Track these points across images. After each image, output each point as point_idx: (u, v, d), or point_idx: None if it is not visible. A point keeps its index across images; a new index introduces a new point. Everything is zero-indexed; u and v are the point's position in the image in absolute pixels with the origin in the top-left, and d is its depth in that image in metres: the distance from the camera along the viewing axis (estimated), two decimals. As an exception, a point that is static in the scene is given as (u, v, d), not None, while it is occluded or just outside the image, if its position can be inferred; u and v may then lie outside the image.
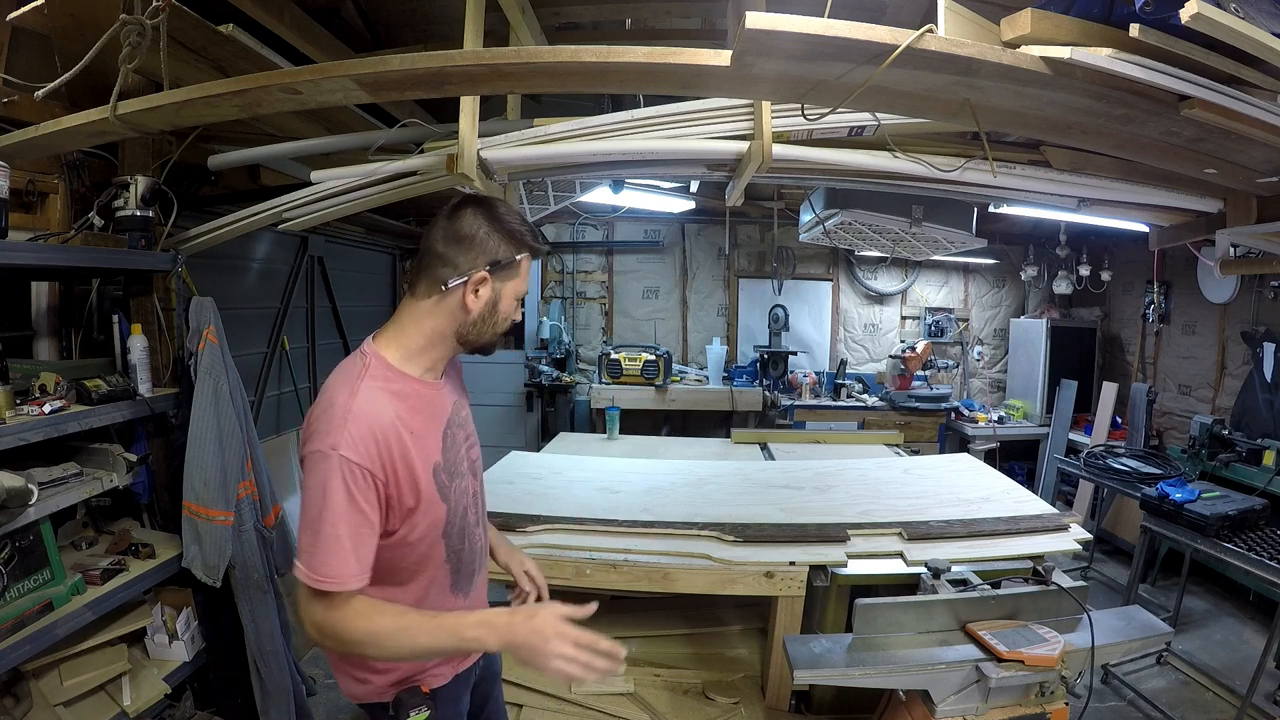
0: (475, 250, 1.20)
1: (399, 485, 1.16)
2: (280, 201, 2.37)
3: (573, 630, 1.11)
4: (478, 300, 1.22)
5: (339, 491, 1.09)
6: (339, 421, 1.11)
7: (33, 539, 1.85)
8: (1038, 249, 5.62)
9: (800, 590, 2.24)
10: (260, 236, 3.60)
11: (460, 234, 1.21)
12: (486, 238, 1.21)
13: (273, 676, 2.32)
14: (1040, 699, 1.72)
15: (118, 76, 1.68)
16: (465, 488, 1.32)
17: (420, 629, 1.13)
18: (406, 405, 1.20)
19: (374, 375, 1.18)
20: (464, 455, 1.34)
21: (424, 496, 1.20)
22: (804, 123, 1.92)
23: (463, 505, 1.31)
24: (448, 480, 1.26)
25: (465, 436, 1.35)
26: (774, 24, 1.15)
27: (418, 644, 1.13)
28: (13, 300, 2.22)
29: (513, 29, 2.13)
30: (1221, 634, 3.46)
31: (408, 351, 1.24)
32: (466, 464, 1.34)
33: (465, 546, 1.34)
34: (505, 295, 1.25)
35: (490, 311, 1.24)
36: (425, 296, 1.23)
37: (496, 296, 1.24)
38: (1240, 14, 1.12)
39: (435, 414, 1.27)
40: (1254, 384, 3.96)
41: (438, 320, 1.23)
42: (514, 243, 1.23)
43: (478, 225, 1.21)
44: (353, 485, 1.09)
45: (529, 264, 1.29)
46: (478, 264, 1.20)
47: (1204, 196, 2.32)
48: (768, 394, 5.25)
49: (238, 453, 2.27)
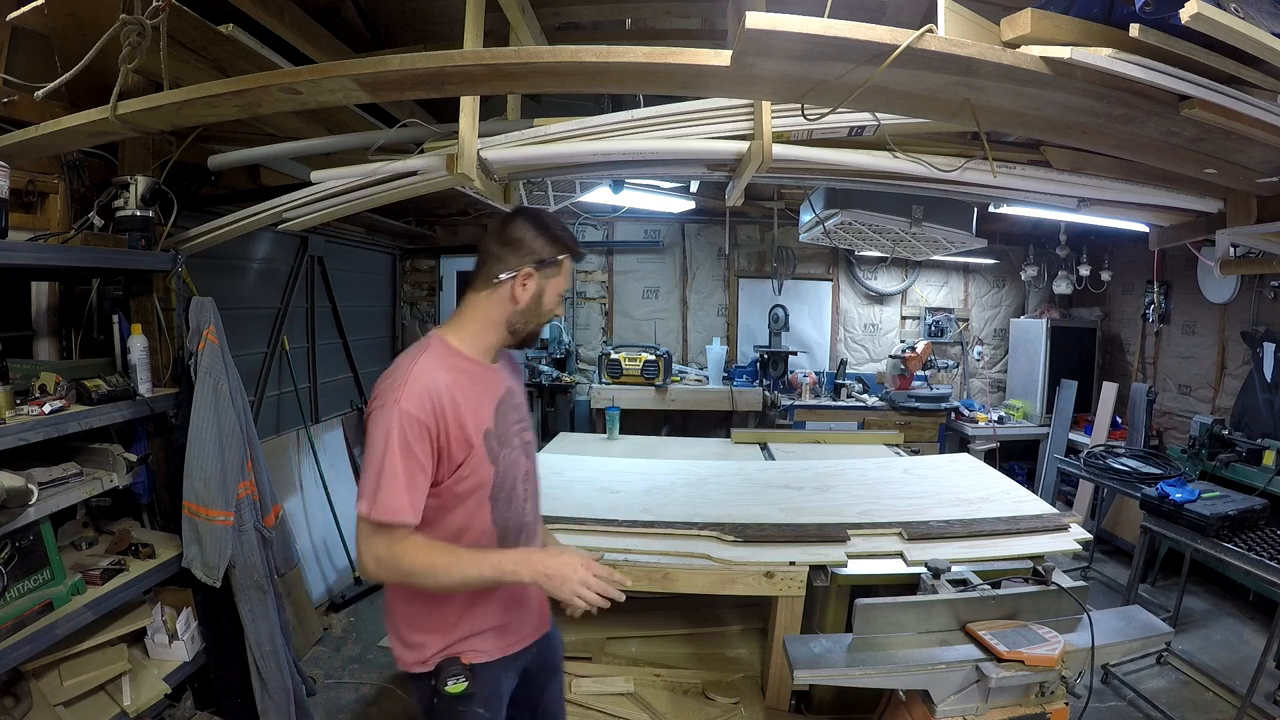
0: (523, 251, 1.41)
1: (449, 439, 1.33)
2: (280, 201, 2.37)
3: (596, 565, 1.30)
4: (525, 292, 1.42)
5: (398, 438, 1.27)
6: (400, 383, 1.31)
7: (33, 539, 1.85)
8: (1038, 249, 5.62)
9: (800, 590, 2.24)
10: (260, 236, 3.60)
11: (511, 237, 1.42)
12: (533, 240, 1.42)
13: (273, 676, 2.31)
14: (1040, 699, 1.72)
15: (118, 76, 1.68)
16: (515, 460, 1.47)
17: (468, 560, 1.31)
18: (461, 376, 1.39)
19: (433, 352, 1.40)
20: (515, 431, 1.49)
21: (474, 453, 1.36)
22: (804, 123, 1.92)
23: (512, 476, 1.46)
24: (497, 446, 1.42)
25: (518, 418, 1.51)
26: (774, 24, 1.15)
27: (467, 573, 1.29)
28: (13, 300, 2.22)
29: (513, 29, 2.13)
30: (1221, 634, 3.46)
31: (465, 336, 1.45)
32: (518, 440, 1.49)
33: (511, 516, 1.47)
34: (549, 290, 1.45)
35: (535, 303, 1.44)
36: (481, 290, 1.44)
37: (541, 290, 1.44)
38: (1240, 14, 1.12)
39: (488, 388, 1.45)
40: (1254, 384, 3.96)
41: (491, 309, 1.44)
42: (556, 245, 1.44)
43: (525, 230, 1.43)
44: (409, 433, 1.27)
45: (570, 265, 1.48)
46: (525, 262, 1.41)
47: (1204, 196, 2.32)
48: (768, 394, 5.25)
49: (238, 453, 2.27)
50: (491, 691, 1.48)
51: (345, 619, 3.55)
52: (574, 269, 1.53)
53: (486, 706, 1.48)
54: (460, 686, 1.40)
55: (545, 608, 1.63)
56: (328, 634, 3.39)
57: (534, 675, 1.65)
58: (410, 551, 1.28)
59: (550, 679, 1.70)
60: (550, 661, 1.69)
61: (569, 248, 1.46)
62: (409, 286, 5.84)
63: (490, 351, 1.47)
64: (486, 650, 1.46)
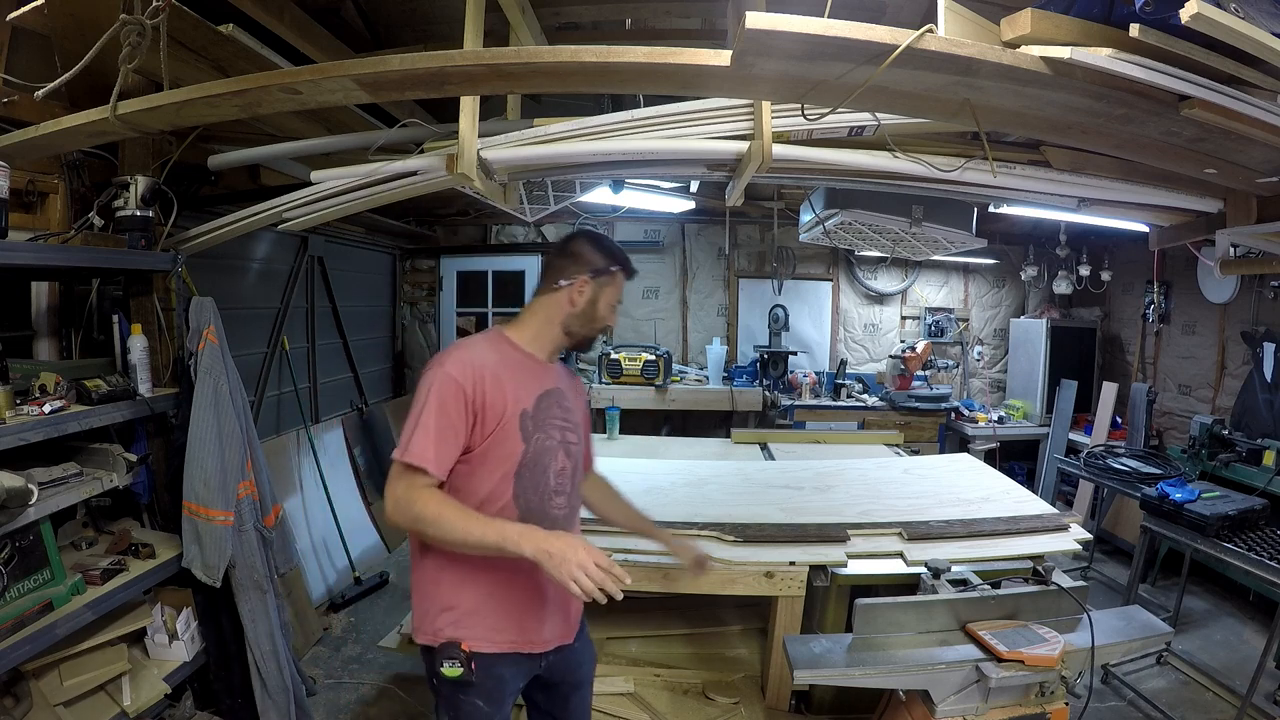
0: (581, 262, 1.58)
1: (484, 406, 1.43)
2: (280, 201, 2.37)
3: (600, 555, 1.30)
4: (581, 298, 1.57)
5: (436, 396, 1.40)
6: (450, 352, 1.48)
7: (33, 539, 1.85)
8: (1038, 249, 5.62)
9: (800, 590, 2.24)
10: (260, 236, 3.61)
11: (571, 250, 1.60)
12: (590, 254, 1.59)
13: (273, 676, 2.31)
14: (1040, 699, 1.72)
15: (118, 76, 1.68)
16: (550, 449, 1.54)
17: (476, 521, 1.34)
18: (508, 360, 1.52)
19: (488, 337, 1.58)
20: (555, 423, 1.56)
21: (506, 424, 1.46)
22: (804, 123, 1.92)
23: (543, 462, 1.52)
24: (532, 428, 1.50)
25: (561, 415, 1.58)
26: (774, 24, 1.15)
27: (470, 531, 1.32)
28: (13, 300, 2.22)
29: (513, 29, 2.13)
30: (1221, 634, 3.46)
31: (523, 332, 1.59)
32: (558, 435, 1.56)
33: (535, 501, 1.52)
34: (602, 298, 1.59)
35: (590, 308, 1.58)
36: (543, 294, 1.60)
37: (595, 297, 1.58)
38: (1240, 14, 1.12)
39: (535, 378, 1.55)
40: (1254, 384, 3.96)
41: (549, 310, 1.58)
42: (610, 259, 1.60)
43: (584, 245, 1.60)
44: (447, 393, 1.40)
45: (623, 280, 1.63)
46: (582, 270, 1.57)
47: (1204, 196, 2.32)
48: (768, 394, 5.25)
49: (238, 453, 2.27)
50: (494, 686, 1.49)
51: (345, 619, 3.55)
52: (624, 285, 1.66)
53: (487, 700, 1.49)
54: (455, 671, 1.43)
55: (574, 618, 1.65)
56: (328, 634, 3.39)
57: (556, 685, 1.67)
58: (425, 498, 1.35)
59: (574, 692, 1.71)
60: (576, 675, 1.70)
61: (622, 263, 1.62)
62: (409, 286, 5.84)
63: (547, 350, 1.60)
64: (492, 641, 1.48)
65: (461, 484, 1.45)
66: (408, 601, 3.71)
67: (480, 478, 1.45)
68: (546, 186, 3.41)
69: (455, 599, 1.47)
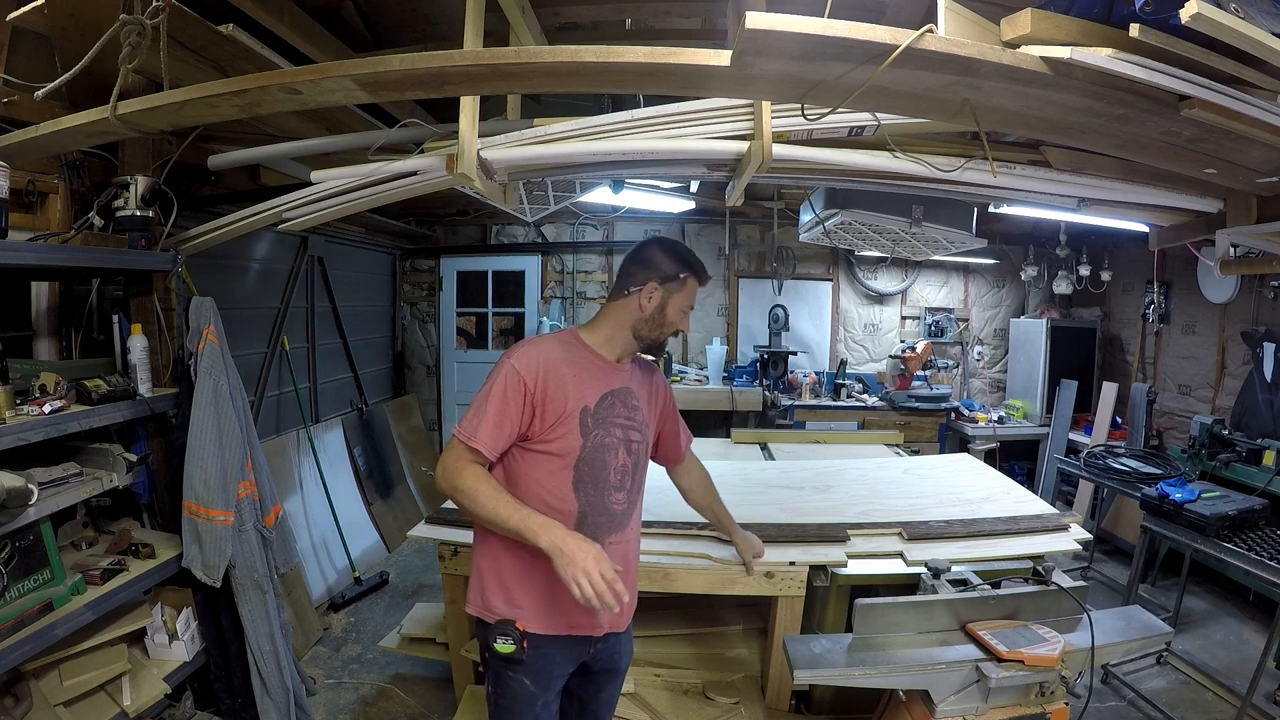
0: (651, 269, 1.62)
1: (544, 400, 1.50)
2: (280, 201, 2.37)
3: (608, 567, 1.34)
4: (650, 303, 1.62)
5: (499, 384, 1.49)
6: (520, 346, 1.56)
7: (33, 539, 1.85)
8: (1038, 249, 5.62)
9: (800, 590, 2.24)
10: (260, 236, 3.61)
11: (642, 257, 1.65)
12: (660, 261, 1.63)
13: (273, 676, 2.32)
14: (1040, 699, 1.72)
15: (118, 76, 1.68)
16: (611, 445, 1.59)
17: (505, 503, 1.42)
18: (576, 359, 1.59)
19: (560, 336, 1.65)
20: (618, 421, 1.61)
21: (566, 418, 1.52)
22: (804, 123, 1.92)
23: (602, 458, 1.57)
24: (592, 424, 1.56)
25: (626, 414, 1.63)
26: (774, 24, 1.15)
27: (499, 511, 1.40)
28: (13, 300, 2.22)
29: (513, 29, 2.13)
30: (1221, 634, 3.46)
31: (596, 334, 1.65)
32: (619, 430, 1.61)
33: (596, 496, 1.57)
34: (671, 303, 1.63)
35: (659, 313, 1.62)
36: (616, 299, 1.65)
37: (664, 303, 1.62)
38: (1240, 14, 1.12)
39: (602, 377, 1.61)
40: (1254, 384, 3.96)
41: (620, 315, 1.64)
42: (679, 265, 1.63)
43: (655, 252, 1.64)
44: (509, 383, 1.49)
45: (694, 285, 1.65)
46: (651, 277, 1.62)
47: (1204, 196, 2.32)
48: (768, 394, 5.24)
49: (238, 453, 2.27)
50: (542, 666, 1.56)
51: (345, 619, 3.55)
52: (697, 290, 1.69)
53: (534, 679, 1.55)
54: (509, 648, 1.50)
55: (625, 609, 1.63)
56: (328, 634, 3.39)
57: (595, 674, 1.72)
58: (468, 472, 1.45)
59: (609, 681, 1.77)
60: (615, 664, 1.75)
61: (693, 269, 1.65)
62: (409, 286, 5.84)
63: (619, 353, 1.65)
64: (546, 624, 1.54)
65: (523, 470, 1.54)
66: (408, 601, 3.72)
67: (540, 466, 1.53)
68: (546, 186, 3.41)
69: (512, 584, 1.54)
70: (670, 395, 1.87)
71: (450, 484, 1.46)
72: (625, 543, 1.66)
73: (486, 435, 1.47)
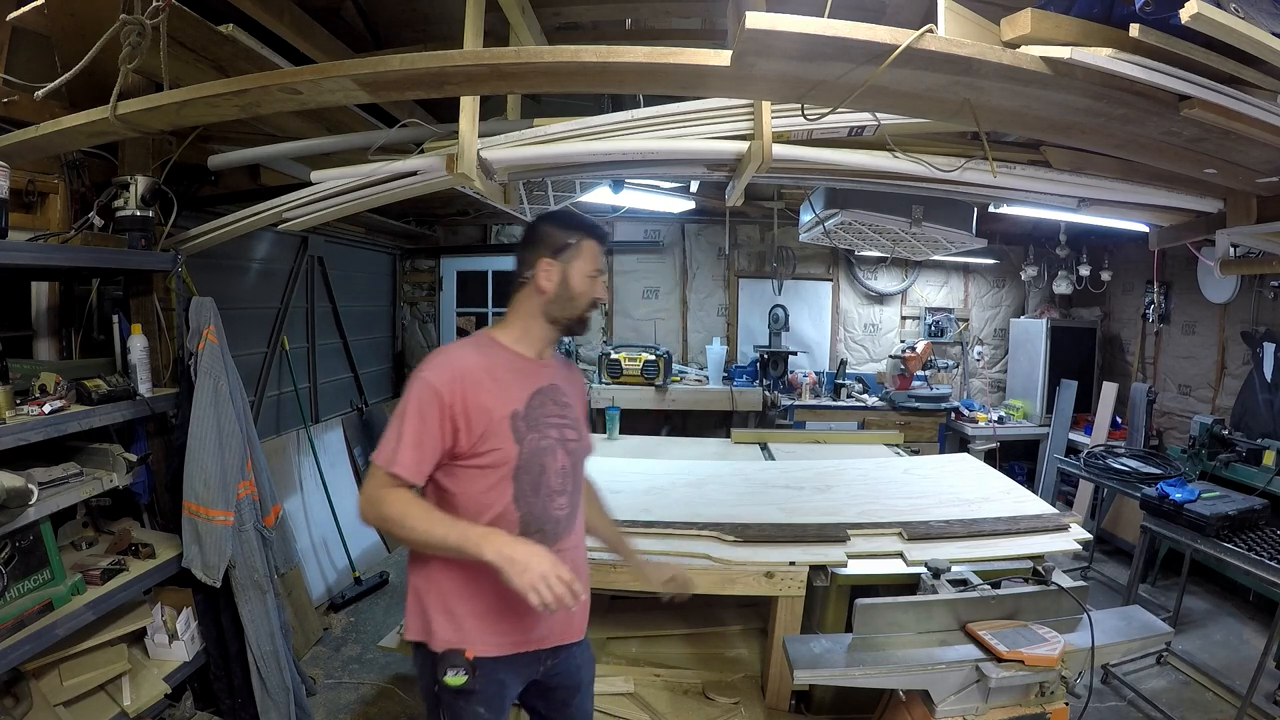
0: (541, 246, 1.53)
1: (467, 411, 1.40)
2: (280, 201, 2.37)
3: (563, 569, 1.28)
4: (550, 281, 1.51)
5: (413, 402, 1.39)
6: (430, 359, 1.46)
7: (33, 539, 1.85)
8: (1038, 249, 5.62)
9: (800, 590, 2.24)
10: (260, 236, 3.61)
11: (529, 238, 1.56)
12: (548, 234, 1.53)
13: (273, 676, 2.32)
14: (1040, 699, 1.72)
15: (118, 76, 1.68)
16: (548, 448, 1.51)
17: (439, 521, 1.35)
18: (495, 362, 1.49)
19: (474, 340, 1.55)
20: (552, 421, 1.53)
21: (495, 426, 1.43)
22: (804, 123, 1.92)
23: (540, 462, 1.49)
24: (525, 428, 1.47)
25: (558, 413, 1.55)
26: (774, 24, 1.15)
27: (433, 531, 1.32)
28: (13, 300, 2.22)
29: (513, 29, 2.13)
30: (1221, 634, 3.46)
31: (509, 332, 1.56)
32: (555, 431, 1.53)
33: (538, 504, 1.49)
34: (573, 272, 1.51)
35: (563, 287, 1.51)
36: (517, 290, 1.56)
37: (565, 274, 1.51)
38: (1240, 14, 1.12)
39: (527, 377, 1.52)
40: (1254, 384, 3.96)
41: (527, 304, 1.54)
42: (568, 231, 1.53)
43: (540, 228, 1.55)
44: (424, 401, 1.39)
45: (592, 246, 1.54)
46: (543, 253, 1.52)
47: (1204, 196, 2.32)
48: (768, 394, 5.25)
49: (238, 453, 2.27)
50: (495, 692, 1.48)
51: (345, 619, 3.55)
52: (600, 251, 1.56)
53: (488, 707, 1.47)
54: (460, 680, 1.41)
55: (575, 619, 1.61)
56: (328, 634, 3.39)
57: (554, 690, 1.63)
58: (392, 498, 1.35)
59: (573, 695, 1.67)
60: (575, 678, 1.66)
61: (584, 229, 1.54)
62: (409, 286, 5.84)
63: (537, 346, 1.56)
64: (495, 644, 1.46)
65: (459, 488, 1.44)
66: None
67: (476, 482, 1.43)
68: (546, 186, 3.40)
69: (454, 603, 1.45)
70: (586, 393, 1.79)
71: (375, 514, 1.35)
72: (575, 548, 1.58)
73: (407, 458, 1.37)
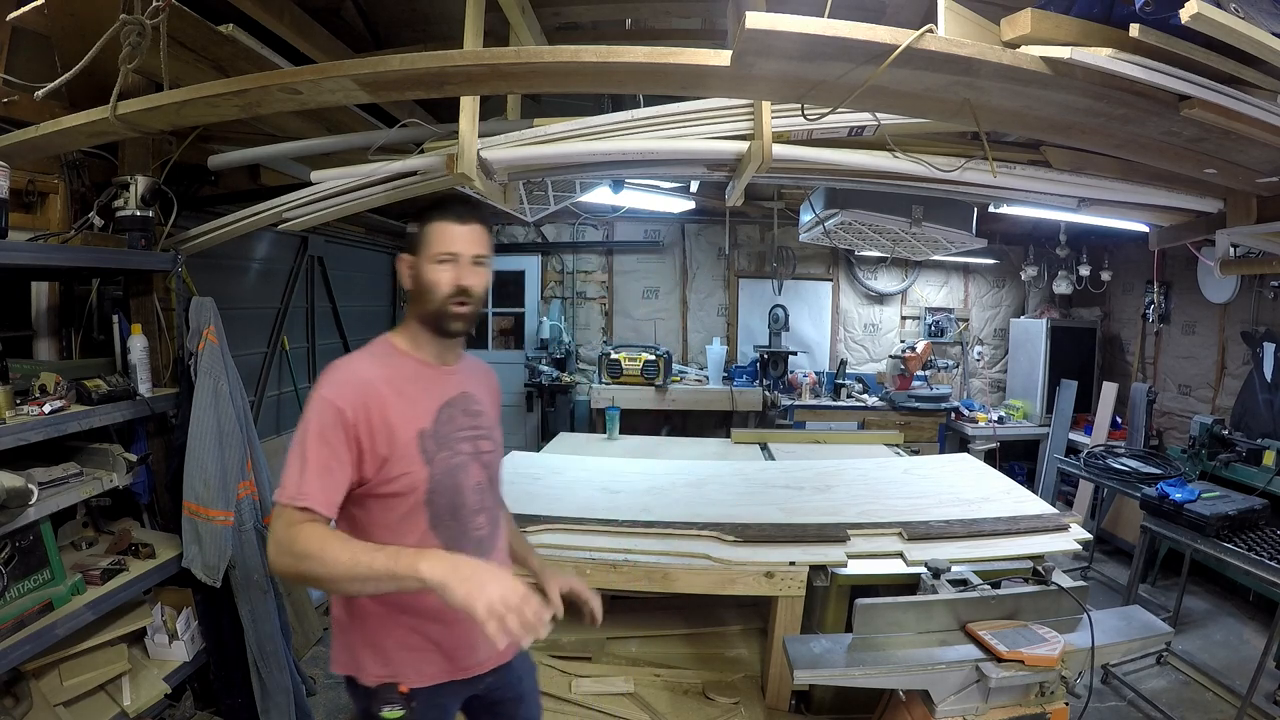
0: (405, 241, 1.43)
1: (371, 431, 1.27)
2: (280, 201, 2.37)
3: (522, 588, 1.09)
4: (408, 277, 1.41)
5: (313, 424, 1.25)
6: (328, 372, 1.31)
7: (33, 539, 1.85)
8: (1038, 249, 5.62)
9: (800, 590, 2.24)
10: (260, 236, 3.61)
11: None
12: (407, 226, 1.43)
13: (273, 676, 2.32)
14: (1040, 699, 1.72)
15: (118, 76, 1.68)
16: (461, 465, 1.40)
17: (363, 549, 1.15)
18: (398, 373, 1.37)
19: (373, 349, 1.41)
20: (463, 435, 1.42)
21: (401, 449, 1.30)
22: (804, 123, 1.92)
23: (454, 482, 1.38)
24: (434, 447, 1.36)
25: (471, 424, 1.44)
26: (774, 24, 1.15)
27: (359, 561, 1.12)
28: (13, 300, 2.22)
29: (513, 29, 2.13)
30: (1221, 634, 3.46)
31: (407, 337, 1.44)
32: (468, 447, 1.42)
33: (456, 525, 1.39)
34: (423, 262, 1.37)
35: (418, 280, 1.38)
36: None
37: (416, 266, 1.38)
38: (1240, 14, 1.12)
39: (432, 388, 1.40)
40: (1254, 384, 3.96)
41: (409, 307, 1.44)
42: (417, 217, 1.40)
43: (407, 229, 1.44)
44: (325, 421, 1.24)
45: (440, 227, 1.36)
46: (403, 254, 1.42)
47: (1204, 196, 2.32)
48: (768, 394, 5.25)
49: (238, 453, 2.27)
50: (436, 716, 1.42)
51: (345, 619, 3.55)
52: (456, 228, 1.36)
53: None
54: (396, 714, 1.33)
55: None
56: (328, 634, 3.39)
57: (498, 704, 1.58)
58: (306, 534, 1.16)
59: (518, 707, 1.62)
60: (516, 690, 1.60)
61: (431, 209, 1.38)
62: (409, 286, 5.83)
63: (436, 351, 1.42)
64: (429, 674, 1.38)
65: (369, 520, 1.31)
66: (408, 601, 3.62)
67: (389, 511, 1.31)
68: (546, 186, 3.41)
69: (380, 636, 1.36)
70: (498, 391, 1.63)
71: (289, 556, 1.14)
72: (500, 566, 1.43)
73: (315, 488, 1.20)
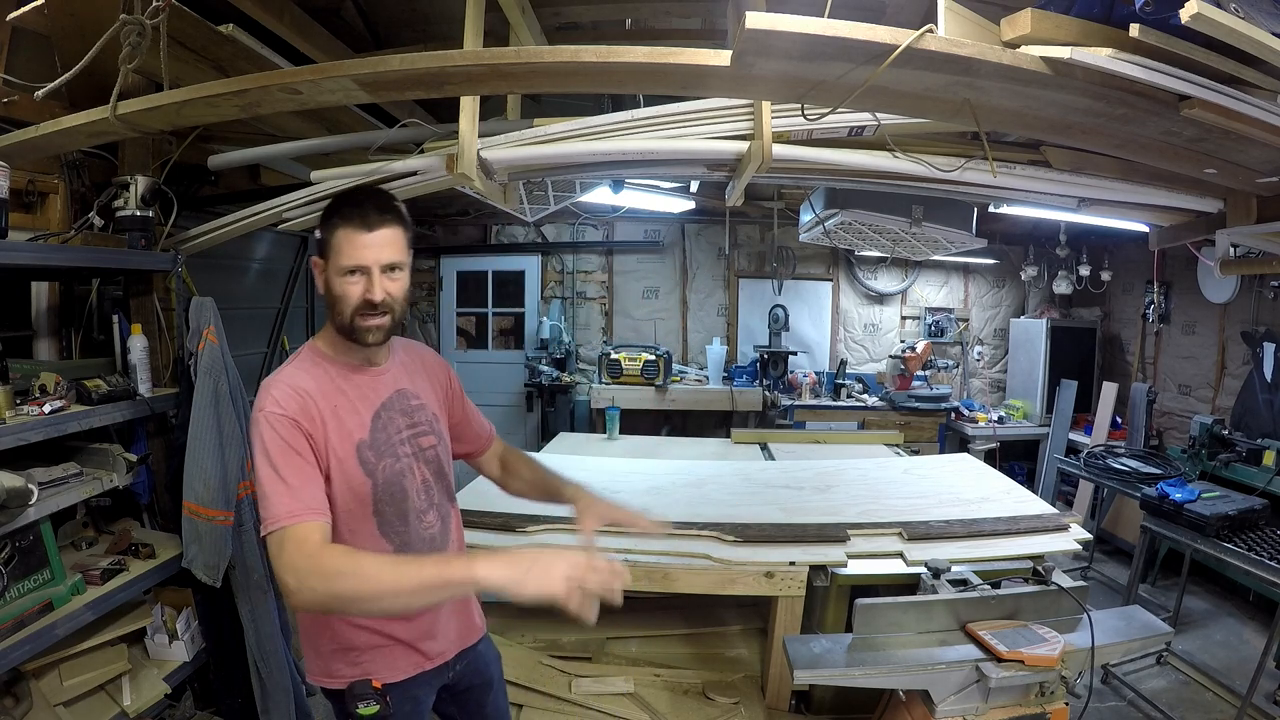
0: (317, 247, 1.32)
1: (325, 436, 1.25)
2: (280, 201, 2.37)
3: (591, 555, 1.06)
4: (321, 283, 1.31)
5: (270, 439, 1.18)
6: (266, 392, 1.24)
7: (33, 539, 1.85)
8: (1038, 249, 5.62)
9: (800, 590, 2.24)
10: (260, 236, 3.61)
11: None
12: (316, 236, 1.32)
13: (273, 676, 2.31)
14: (1040, 699, 1.72)
15: (118, 76, 1.68)
16: (405, 469, 1.36)
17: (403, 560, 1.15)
18: (329, 384, 1.30)
19: (299, 361, 1.33)
20: (402, 437, 1.38)
21: (343, 463, 1.27)
22: (804, 123, 1.92)
23: (399, 487, 1.34)
24: (374, 458, 1.32)
25: (409, 424, 1.40)
26: (774, 24, 1.14)
27: (404, 574, 1.06)
28: (13, 300, 2.22)
29: (513, 29, 2.13)
30: (1221, 634, 3.46)
31: (328, 342, 1.36)
32: (409, 448, 1.38)
33: (406, 529, 1.36)
34: (330, 273, 1.28)
35: (329, 293, 1.30)
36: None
37: (327, 276, 1.29)
38: (1240, 14, 1.12)
39: (365, 395, 1.35)
40: (1254, 384, 3.96)
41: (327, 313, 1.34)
42: (325, 218, 1.29)
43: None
44: (282, 432, 1.19)
45: (346, 233, 1.24)
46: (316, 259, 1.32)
47: (1204, 196, 2.32)
48: (768, 394, 5.25)
49: (238, 453, 2.27)
50: (411, 710, 1.41)
51: (345, 619, 3.54)
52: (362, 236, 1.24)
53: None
54: (373, 709, 1.32)
55: (471, 618, 1.55)
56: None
57: (466, 691, 1.57)
58: (331, 552, 1.11)
59: (486, 694, 1.61)
60: (484, 676, 1.60)
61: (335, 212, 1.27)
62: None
63: (367, 354, 1.35)
64: (401, 668, 1.38)
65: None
66: (408, 601, 3.63)
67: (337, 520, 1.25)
68: (546, 186, 3.41)
69: (349, 637, 1.35)
70: (451, 371, 1.55)
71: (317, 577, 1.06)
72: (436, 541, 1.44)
73: (307, 495, 1.15)
